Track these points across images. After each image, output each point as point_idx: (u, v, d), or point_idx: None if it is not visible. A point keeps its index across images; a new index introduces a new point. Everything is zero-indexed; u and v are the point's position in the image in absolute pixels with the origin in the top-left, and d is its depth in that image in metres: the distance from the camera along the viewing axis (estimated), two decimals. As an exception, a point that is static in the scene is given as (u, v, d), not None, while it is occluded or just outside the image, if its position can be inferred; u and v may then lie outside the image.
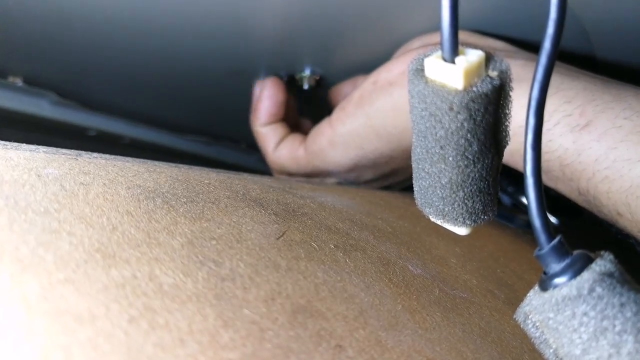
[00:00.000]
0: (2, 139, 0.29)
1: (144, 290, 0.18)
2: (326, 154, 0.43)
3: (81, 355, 0.15)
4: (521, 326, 0.18)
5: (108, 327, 0.16)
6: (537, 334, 0.18)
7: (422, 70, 0.17)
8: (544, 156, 0.32)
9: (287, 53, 0.49)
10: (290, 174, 0.49)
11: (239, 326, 0.18)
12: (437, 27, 0.17)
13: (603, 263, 0.17)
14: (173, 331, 0.17)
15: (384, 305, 0.23)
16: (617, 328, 0.16)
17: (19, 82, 0.56)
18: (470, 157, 0.18)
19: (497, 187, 0.19)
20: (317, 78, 0.54)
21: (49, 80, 0.57)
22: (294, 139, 0.47)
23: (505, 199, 0.55)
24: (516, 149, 0.33)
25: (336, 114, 0.43)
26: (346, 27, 0.44)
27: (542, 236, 0.18)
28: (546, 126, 0.32)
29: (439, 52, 0.17)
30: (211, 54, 0.50)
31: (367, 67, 0.50)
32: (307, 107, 0.58)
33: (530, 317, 0.18)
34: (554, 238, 0.18)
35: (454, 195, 0.18)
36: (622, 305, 0.16)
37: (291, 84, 0.54)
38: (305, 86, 0.53)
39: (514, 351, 0.24)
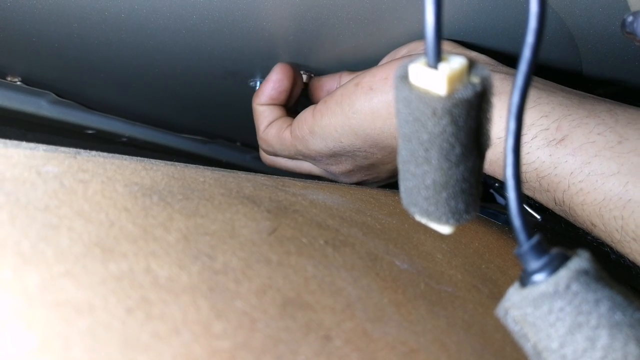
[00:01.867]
0: (1, 138, 0.29)
1: (140, 282, 0.19)
2: (307, 141, 0.45)
3: (80, 344, 0.16)
4: (502, 321, 0.19)
5: (106, 318, 0.17)
6: (517, 329, 0.18)
7: (407, 76, 0.18)
8: (522, 167, 0.34)
9: (281, 53, 0.50)
10: (276, 154, 0.51)
11: (231, 317, 0.19)
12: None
13: (579, 261, 0.18)
14: (168, 321, 0.18)
15: (371, 298, 0.24)
16: (592, 323, 0.17)
17: (17, 81, 0.56)
18: (453, 159, 0.18)
19: (479, 188, 0.20)
20: (312, 76, 0.55)
21: (47, 79, 0.58)
22: (284, 121, 0.49)
23: (500, 199, 0.56)
24: (494, 159, 0.35)
25: (319, 106, 0.45)
26: (339, 30, 0.45)
27: (521, 235, 0.18)
28: (524, 139, 0.33)
29: (424, 59, 0.17)
30: (207, 54, 0.51)
31: (358, 67, 0.51)
32: (302, 107, 0.59)
33: (509, 312, 0.19)
34: (532, 237, 0.18)
35: (437, 196, 0.19)
36: (596, 301, 0.17)
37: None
38: None
39: (496, 344, 0.25)
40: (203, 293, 0.20)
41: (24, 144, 0.29)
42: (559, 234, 0.44)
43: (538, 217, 0.47)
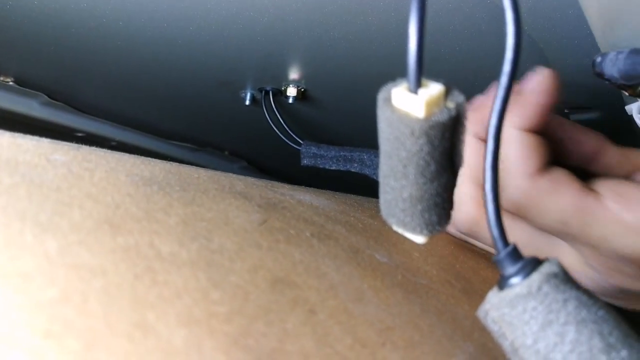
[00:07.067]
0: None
1: (145, 254, 0.21)
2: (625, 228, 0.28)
3: (96, 298, 0.18)
4: (482, 322, 0.21)
5: (117, 280, 0.19)
6: (496, 328, 0.20)
7: (390, 99, 0.20)
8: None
9: (273, 66, 0.53)
10: (527, 218, 0.31)
11: (227, 288, 0.21)
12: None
13: (549, 266, 0.20)
14: (171, 287, 0.20)
15: (352, 283, 0.26)
16: (561, 320, 0.19)
17: (10, 81, 0.57)
18: (428, 175, 0.20)
19: (452, 203, 0.22)
20: (302, 90, 0.56)
21: (40, 81, 0.59)
22: (568, 177, 0.30)
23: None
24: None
25: None
26: (332, 44, 0.47)
27: (499, 243, 0.20)
28: None
29: (406, 84, 0.19)
30: (200, 64, 0.53)
31: (353, 82, 0.53)
32: (292, 120, 0.61)
33: (489, 313, 0.20)
34: (509, 245, 0.20)
35: (413, 208, 0.21)
36: (564, 300, 0.19)
37: (277, 96, 0.58)
38: (290, 99, 0.56)
39: (466, 329, 0.27)
40: (201, 267, 0.22)
41: (28, 136, 0.31)
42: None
43: None
